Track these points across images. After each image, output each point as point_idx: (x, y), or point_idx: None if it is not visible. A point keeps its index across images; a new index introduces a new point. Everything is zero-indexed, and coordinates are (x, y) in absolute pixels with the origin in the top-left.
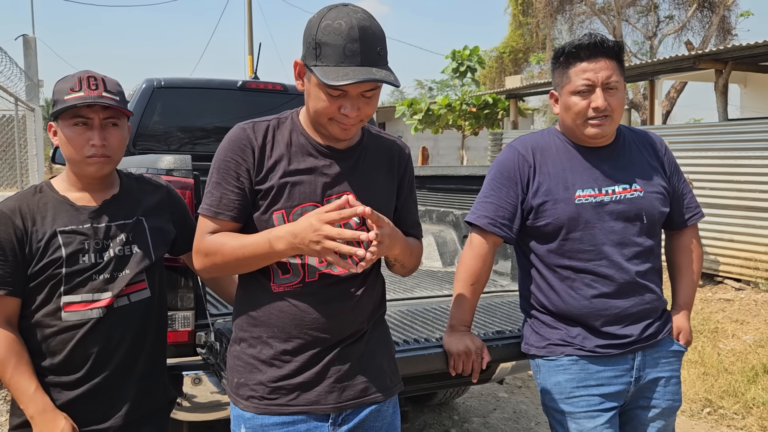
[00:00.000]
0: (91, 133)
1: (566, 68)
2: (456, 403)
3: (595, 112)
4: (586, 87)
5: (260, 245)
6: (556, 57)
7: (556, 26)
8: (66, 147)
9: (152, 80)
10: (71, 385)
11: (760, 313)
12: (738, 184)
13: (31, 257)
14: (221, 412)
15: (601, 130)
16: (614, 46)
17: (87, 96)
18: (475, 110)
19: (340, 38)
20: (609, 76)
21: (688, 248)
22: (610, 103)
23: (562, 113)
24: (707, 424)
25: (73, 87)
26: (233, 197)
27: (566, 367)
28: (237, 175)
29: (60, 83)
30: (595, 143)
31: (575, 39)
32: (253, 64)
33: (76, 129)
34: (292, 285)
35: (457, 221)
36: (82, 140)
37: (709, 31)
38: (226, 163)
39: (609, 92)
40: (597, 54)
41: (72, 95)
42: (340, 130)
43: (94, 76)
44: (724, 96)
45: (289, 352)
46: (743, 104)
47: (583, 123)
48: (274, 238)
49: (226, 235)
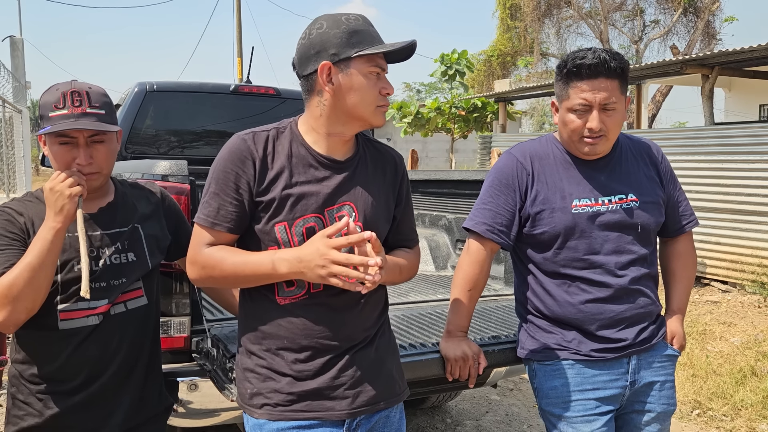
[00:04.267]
0: (77, 151)
1: (566, 84)
2: (448, 406)
3: (589, 132)
4: (583, 107)
5: (262, 265)
6: (560, 68)
7: (544, 30)
8: (54, 163)
9: (144, 84)
10: (68, 392)
11: (747, 315)
12: (724, 188)
13: None
14: (216, 418)
15: (593, 150)
16: (617, 68)
17: (70, 114)
18: (464, 113)
19: (365, 25)
20: (607, 98)
21: (682, 254)
22: (605, 124)
23: (560, 126)
24: (697, 425)
25: (57, 103)
26: (231, 209)
27: (562, 372)
28: (236, 187)
29: (45, 95)
30: (586, 158)
31: (579, 52)
32: (242, 67)
33: (62, 147)
34: (297, 297)
35: (450, 225)
36: (68, 158)
37: (694, 35)
38: (225, 174)
39: (606, 113)
40: (598, 74)
41: (56, 113)
42: (382, 115)
43: (78, 91)
44: (710, 100)
45: (302, 360)
46: (728, 108)
47: (579, 140)
48: (278, 260)
49: (226, 249)
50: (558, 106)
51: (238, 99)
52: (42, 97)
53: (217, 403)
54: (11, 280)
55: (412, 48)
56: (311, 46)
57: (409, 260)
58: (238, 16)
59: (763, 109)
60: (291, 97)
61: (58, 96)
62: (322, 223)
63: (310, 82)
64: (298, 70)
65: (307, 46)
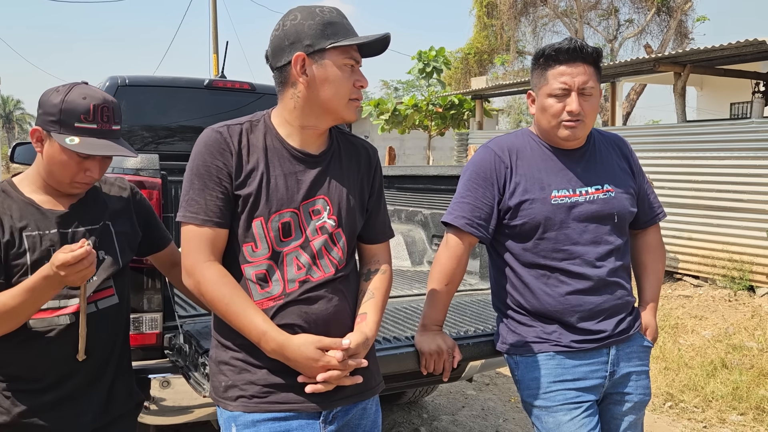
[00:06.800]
0: (90, 164)
1: (545, 70)
2: (425, 401)
3: (569, 116)
4: (563, 90)
5: (251, 332)
6: (536, 58)
7: (520, 28)
8: (55, 166)
9: (116, 78)
10: (38, 391)
11: (718, 309)
12: (696, 184)
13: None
14: (189, 415)
15: (573, 133)
16: (593, 53)
17: (99, 130)
18: (441, 111)
19: (340, 17)
20: (585, 81)
21: (652, 246)
22: (583, 108)
23: (538, 114)
24: (669, 417)
25: (85, 114)
26: (219, 203)
27: (543, 363)
28: (219, 180)
29: (71, 100)
30: (567, 145)
31: (556, 42)
32: (218, 63)
33: (78, 160)
34: (273, 298)
35: (425, 221)
36: (78, 169)
37: (667, 34)
38: (206, 167)
39: (584, 97)
40: (576, 59)
41: (84, 125)
42: (354, 109)
43: (107, 106)
44: (683, 98)
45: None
46: (700, 106)
47: (557, 125)
48: (266, 340)
49: (227, 285)
50: (535, 96)
51: (212, 94)
52: (66, 99)
53: (190, 399)
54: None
55: (387, 41)
56: (285, 37)
57: (384, 287)
58: (213, 12)
59: (734, 107)
60: (266, 92)
61: (88, 107)
62: (297, 217)
63: (284, 74)
64: (272, 61)
65: (281, 38)
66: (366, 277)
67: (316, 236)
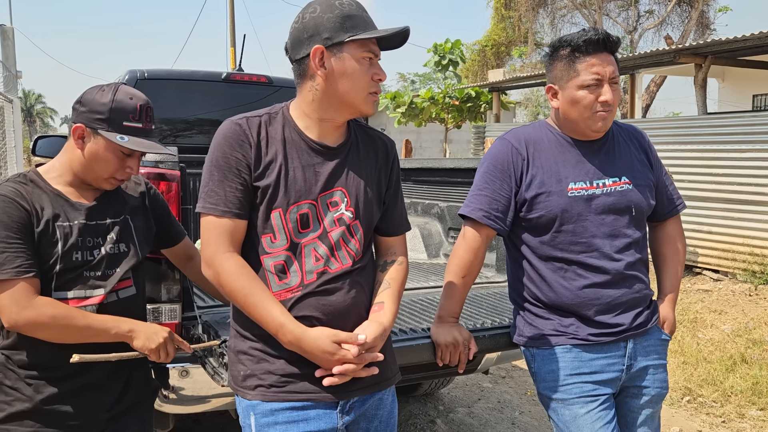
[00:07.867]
0: (131, 161)
1: (572, 62)
2: (441, 393)
3: (602, 106)
4: (595, 81)
5: (269, 323)
6: (556, 50)
7: (538, 20)
8: (98, 162)
9: (135, 71)
10: (60, 380)
11: (738, 304)
12: (716, 177)
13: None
14: (208, 404)
15: (605, 124)
16: (617, 42)
17: (144, 129)
18: (458, 103)
19: (359, 10)
20: (614, 71)
21: (672, 238)
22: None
23: (567, 107)
24: (687, 411)
25: (134, 114)
26: (238, 194)
27: (560, 356)
28: (239, 171)
29: (120, 98)
30: (595, 136)
31: (576, 33)
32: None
33: (121, 156)
34: (291, 289)
35: (442, 213)
36: (120, 165)
37: (688, 25)
38: (226, 159)
39: (613, 86)
40: (601, 49)
41: (132, 124)
42: (373, 103)
43: (150, 107)
44: (703, 90)
45: None
46: (721, 98)
47: (591, 116)
48: (283, 332)
49: (246, 276)
50: (559, 89)
51: (229, 87)
52: (115, 99)
53: (208, 389)
54: (63, 315)
55: (406, 34)
56: (304, 30)
57: (400, 278)
58: (231, 5)
59: (756, 99)
60: (283, 85)
61: (135, 106)
62: (315, 209)
63: (303, 67)
64: (291, 54)
65: (300, 30)
66: (382, 269)
67: (334, 228)
